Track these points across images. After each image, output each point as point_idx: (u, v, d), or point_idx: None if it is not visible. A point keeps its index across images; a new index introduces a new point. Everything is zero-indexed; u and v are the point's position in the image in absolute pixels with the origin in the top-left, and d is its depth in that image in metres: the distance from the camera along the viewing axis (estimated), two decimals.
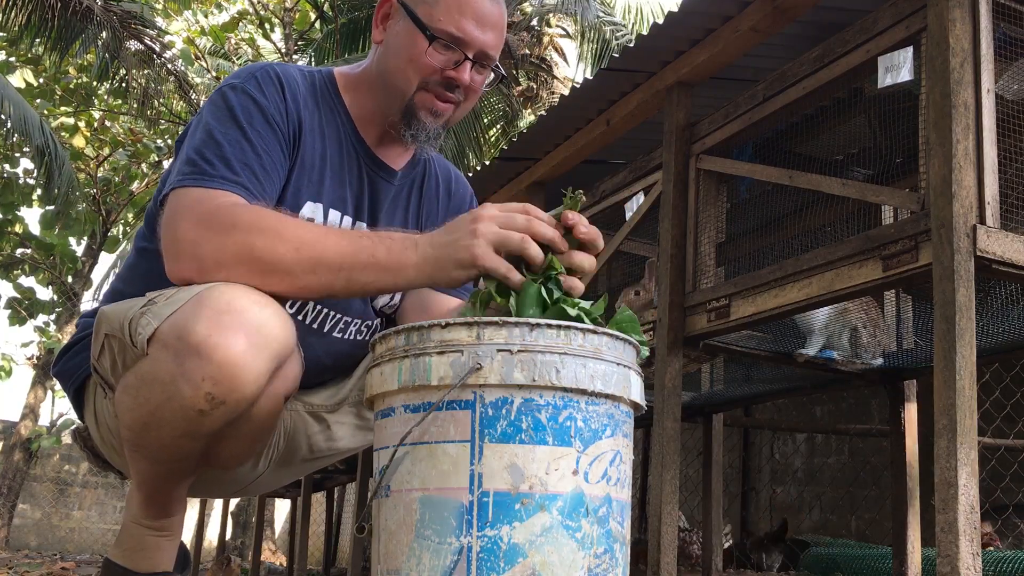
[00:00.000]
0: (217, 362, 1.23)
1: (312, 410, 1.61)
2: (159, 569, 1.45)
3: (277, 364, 1.32)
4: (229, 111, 1.42)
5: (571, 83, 10.49)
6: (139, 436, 1.35)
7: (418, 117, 1.52)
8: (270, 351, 1.28)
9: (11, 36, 9.97)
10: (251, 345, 1.25)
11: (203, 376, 1.24)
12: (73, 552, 12.30)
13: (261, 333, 1.26)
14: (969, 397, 2.08)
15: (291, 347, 1.34)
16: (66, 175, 9.62)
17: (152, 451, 1.36)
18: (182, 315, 1.27)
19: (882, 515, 5.50)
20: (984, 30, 2.29)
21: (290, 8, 12.26)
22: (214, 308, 1.25)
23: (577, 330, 1.09)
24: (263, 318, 1.27)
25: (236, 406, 1.28)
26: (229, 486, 1.72)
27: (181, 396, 1.26)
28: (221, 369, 1.23)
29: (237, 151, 1.39)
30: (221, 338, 1.23)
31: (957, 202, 2.18)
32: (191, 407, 1.26)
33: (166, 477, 1.40)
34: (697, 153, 3.22)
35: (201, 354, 1.23)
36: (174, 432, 1.30)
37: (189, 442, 1.33)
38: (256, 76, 1.47)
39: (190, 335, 1.24)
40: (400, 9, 1.51)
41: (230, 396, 1.26)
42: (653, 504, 3.06)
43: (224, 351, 1.23)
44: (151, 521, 1.44)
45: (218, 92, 1.47)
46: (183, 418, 1.28)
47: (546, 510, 1.05)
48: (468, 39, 1.48)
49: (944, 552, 2.01)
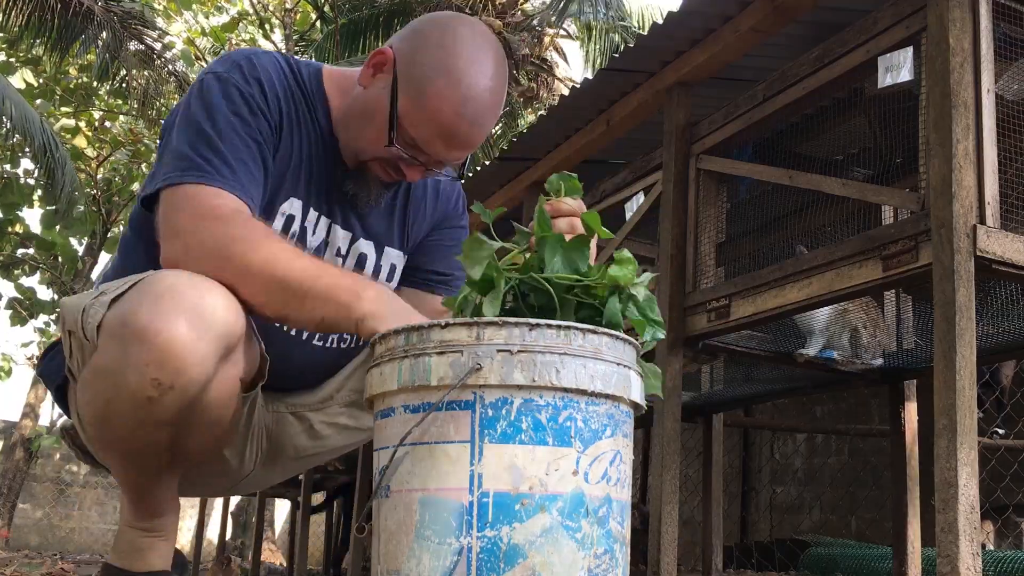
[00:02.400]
0: (159, 346, 1.22)
1: (295, 410, 1.61)
2: (155, 568, 1.45)
3: (224, 346, 1.30)
4: (216, 102, 1.41)
5: (571, 83, 10.48)
6: (100, 432, 1.35)
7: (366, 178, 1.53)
8: (213, 333, 1.27)
9: (11, 36, 9.97)
10: (193, 328, 1.24)
11: (147, 361, 1.23)
12: (73, 552, 12.30)
13: (203, 316, 1.25)
14: (969, 397, 2.08)
15: (239, 330, 1.33)
16: (67, 175, 9.61)
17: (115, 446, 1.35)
18: (126, 303, 1.27)
19: (882, 515, 5.50)
20: (984, 30, 2.29)
21: (290, 9, 12.27)
22: (155, 293, 1.25)
23: (577, 330, 1.09)
24: (205, 301, 1.26)
25: (184, 390, 1.27)
26: (219, 486, 1.72)
27: (128, 384, 1.25)
28: (164, 353, 1.22)
29: (229, 146, 1.38)
30: (162, 323, 1.22)
31: (957, 202, 2.18)
32: (139, 394, 1.25)
33: (140, 473, 1.39)
34: (697, 153, 3.22)
35: (143, 340, 1.23)
36: (129, 423, 1.30)
37: (147, 432, 1.31)
38: (240, 65, 1.46)
39: (133, 321, 1.24)
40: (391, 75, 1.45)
41: (176, 380, 1.25)
42: (653, 504, 3.06)
43: (166, 335, 1.22)
44: (142, 522, 1.44)
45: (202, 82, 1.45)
46: (133, 406, 1.27)
47: (546, 511, 1.05)
48: (429, 152, 1.46)
49: (944, 552, 2.01)
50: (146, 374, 1.24)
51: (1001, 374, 4.29)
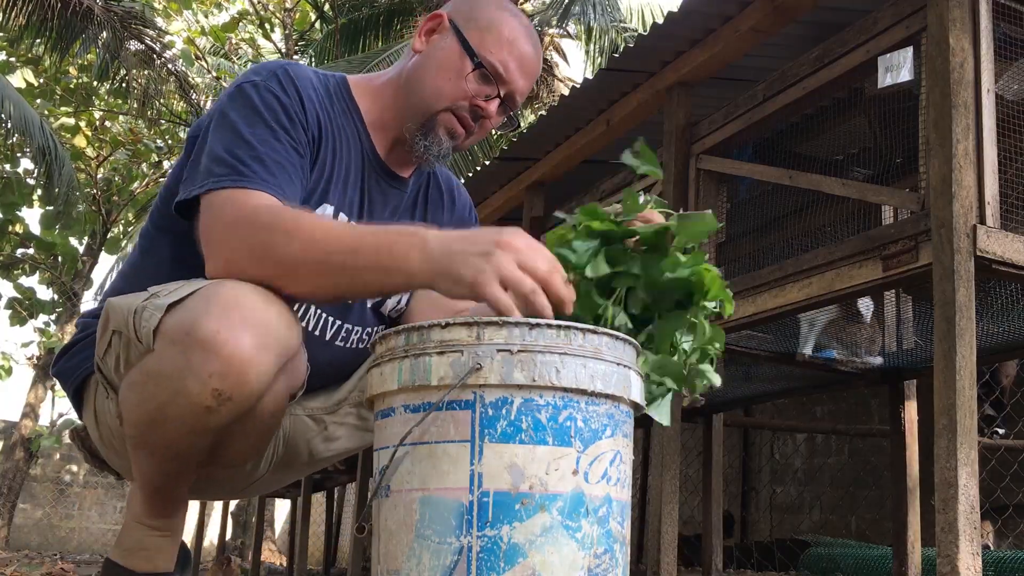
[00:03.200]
0: (225, 358, 1.23)
1: (311, 413, 1.61)
2: (159, 570, 1.45)
3: (283, 362, 1.32)
4: (255, 109, 1.42)
5: (571, 83, 10.49)
6: (145, 434, 1.35)
7: (436, 132, 1.53)
8: (276, 348, 1.28)
9: (11, 36, 9.97)
10: (258, 342, 1.25)
11: (210, 372, 1.23)
12: (73, 552, 12.31)
13: (268, 330, 1.26)
14: (969, 397, 2.08)
15: (296, 345, 1.35)
16: (67, 175, 9.62)
17: (158, 449, 1.36)
18: (189, 310, 1.27)
19: (882, 515, 5.50)
20: (984, 30, 2.29)
21: (290, 8, 12.27)
22: (221, 304, 1.25)
23: (577, 330, 1.09)
24: (269, 315, 1.27)
25: (243, 403, 1.28)
26: (228, 488, 1.72)
27: (188, 392, 1.25)
28: (229, 365, 1.23)
29: (269, 150, 1.38)
30: (229, 334, 1.23)
31: (957, 202, 2.18)
32: (198, 403, 1.26)
33: (170, 475, 1.40)
34: (697, 153, 3.22)
35: (208, 349, 1.23)
36: (181, 429, 1.30)
37: (195, 439, 1.32)
38: (277, 74, 1.47)
39: (198, 330, 1.24)
40: (450, 28, 1.53)
41: (237, 392, 1.25)
42: (653, 504, 3.06)
43: (232, 347, 1.23)
44: (152, 520, 1.44)
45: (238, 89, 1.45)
46: (190, 414, 1.27)
47: (546, 510, 1.05)
48: (508, 78, 1.51)
49: (944, 552, 2.01)
50: (208, 384, 1.24)
51: (1001, 374, 4.29)
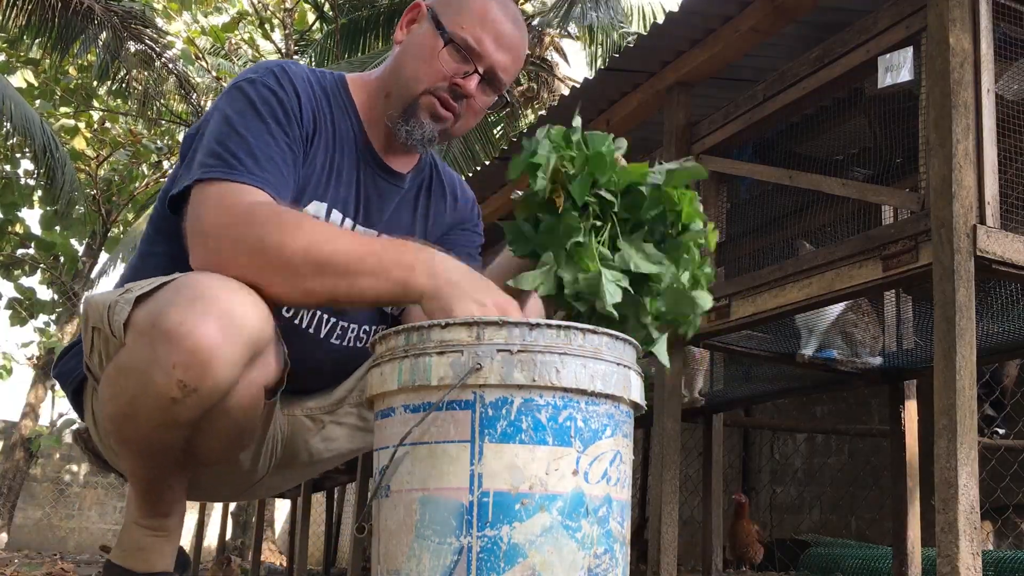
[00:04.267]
0: (188, 348, 1.22)
1: (309, 413, 1.61)
2: (156, 569, 1.45)
3: (252, 352, 1.30)
4: (250, 104, 1.42)
5: (572, 83, 10.49)
6: (119, 429, 1.35)
7: (417, 116, 1.53)
8: (243, 338, 1.26)
9: (11, 36, 9.97)
10: (223, 332, 1.23)
11: (174, 363, 1.22)
12: (73, 552, 12.30)
13: (233, 320, 1.25)
14: (969, 397, 2.08)
15: (267, 336, 1.33)
16: (67, 175, 9.61)
17: (133, 443, 1.35)
18: (156, 302, 1.27)
19: (882, 515, 5.50)
20: (984, 30, 2.29)
21: (290, 8, 12.27)
22: (188, 295, 1.25)
23: (577, 330, 1.09)
24: (236, 304, 1.26)
25: (209, 394, 1.27)
26: (230, 490, 1.71)
27: (154, 384, 1.25)
28: (192, 355, 1.22)
29: (261, 144, 1.39)
30: (192, 324, 1.22)
31: (957, 202, 2.18)
32: (164, 395, 1.25)
33: (153, 472, 1.39)
34: (697, 153, 3.22)
35: (172, 340, 1.22)
36: (151, 422, 1.29)
37: (166, 433, 1.31)
38: (274, 71, 1.48)
39: (163, 321, 1.23)
40: (427, 14, 1.54)
41: (202, 383, 1.24)
42: (653, 504, 3.06)
43: (196, 337, 1.22)
44: (148, 521, 1.44)
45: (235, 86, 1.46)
46: (157, 407, 1.27)
47: (546, 510, 1.05)
48: (482, 52, 1.51)
49: (944, 552, 2.01)
50: (173, 375, 1.23)
51: (1002, 374, 4.29)
